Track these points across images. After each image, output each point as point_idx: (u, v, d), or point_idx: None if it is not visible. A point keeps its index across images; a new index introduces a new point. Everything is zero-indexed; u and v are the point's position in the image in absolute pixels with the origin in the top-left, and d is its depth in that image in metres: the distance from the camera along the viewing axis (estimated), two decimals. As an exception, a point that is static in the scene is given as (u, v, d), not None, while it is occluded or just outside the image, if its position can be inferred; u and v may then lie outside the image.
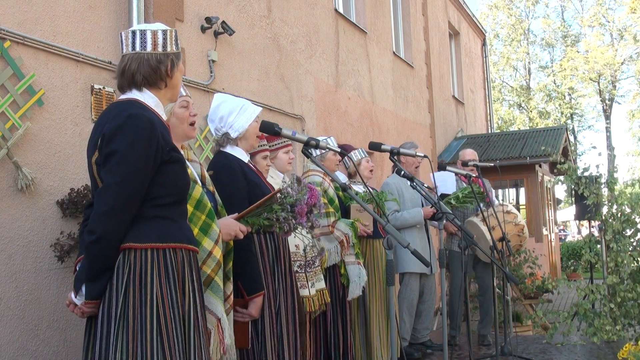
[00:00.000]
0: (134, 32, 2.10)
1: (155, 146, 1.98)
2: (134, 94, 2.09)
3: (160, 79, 2.11)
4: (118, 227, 1.91)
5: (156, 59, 2.09)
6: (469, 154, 5.72)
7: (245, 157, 2.97)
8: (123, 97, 2.11)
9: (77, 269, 2.09)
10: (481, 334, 5.72)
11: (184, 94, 2.54)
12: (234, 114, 2.94)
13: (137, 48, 2.09)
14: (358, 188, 4.60)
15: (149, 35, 2.09)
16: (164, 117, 2.15)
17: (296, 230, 2.66)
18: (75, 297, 2.00)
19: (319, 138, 4.17)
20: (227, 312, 2.51)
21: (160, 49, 2.10)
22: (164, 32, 2.12)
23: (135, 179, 1.93)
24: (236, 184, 2.76)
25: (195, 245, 2.14)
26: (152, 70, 2.09)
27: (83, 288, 1.96)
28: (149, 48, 2.09)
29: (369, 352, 4.41)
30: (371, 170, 4.73)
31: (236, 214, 2.50)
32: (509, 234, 5.11)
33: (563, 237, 20.97)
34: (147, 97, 2.10)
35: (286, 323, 2.86)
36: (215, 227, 2.34)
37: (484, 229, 5.10)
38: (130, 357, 1.85)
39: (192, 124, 2.52)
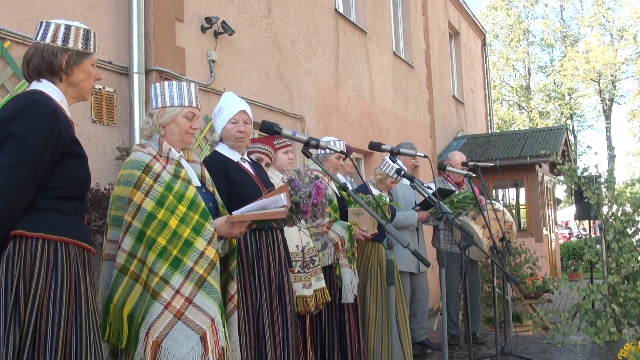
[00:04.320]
0: (42, 23, 2.09)
1: (56, 135, 1.94)
2: (37, 85, 2.06)
3: (51, 72, 2.06)
4: (8, 210, 1.85)
5: (50, 51, 2.05)
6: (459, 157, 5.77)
7: (235, 156, 2.99)
8: (28, 88, 2.08)
9: None
10: (471, 331, 5.72)
11: (194, 105, 2.54)
12: (215, 117, 3.06)
13: (38, 38, 2.07)
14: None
15: (51, 28, 2.07)
16: (69, 113, 2.11)
17: (298, 225, 2.66)
18: None
19: (333, 139, 4.22)
20: (231, 312, 2.49)
21: (59, 43, 2.06)
22: (67, 27, 2.08)
23: (31, 164, 1.88)
24: (216, 181, 2.77)
25: (89, 244, 2.07)
26: (44, 62, 2.05)
27: None
28: (47, 39, 2.06)
29: (366, 354, 4.40)
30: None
31: (231, 217, 2.42)
32: (498, 231, 5.12)
33: (582, 237, 20.83)
34: (51, 90, 2.05)
35: (270, 321, 2.85)
36: (209, 227, 2.31)
37: (476, 227, 5.12)
38: (21, 352, 1.82)
39: (190, 135, 2.53)
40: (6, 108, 1.95)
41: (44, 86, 2.05)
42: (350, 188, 4.74)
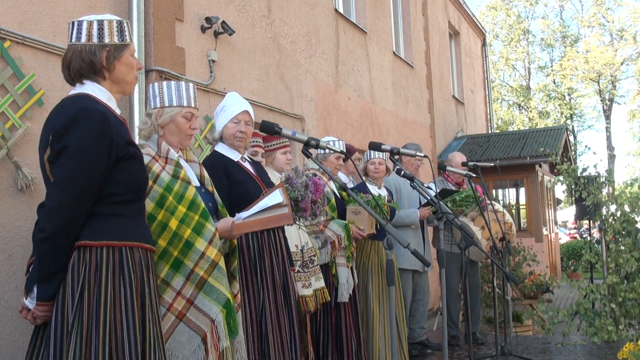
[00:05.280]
0: (73, 23, 2.04)
1: (109, 141, 1.91)
2: (81, 88, 2.02)
3: (93, 72, 2.01)
4: (69, 224, 1.84)
5: (89, 50, 2.00)
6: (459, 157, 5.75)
7: (235, 156, 2.99)
8: (73, 91, 2.03)
9: (30, 270, 2.00)
10: (471, 331, 5.73)
11: (193, 105, 2.54)
12: (216, 115, 3.05)
13: (73, 39, 2.02)
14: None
15: (84, 26, 2.02)
16: (118, 111, 2.08)
17: (297, 222, 2.66)
18: (26, 299, 1.90)
19: (332, 138, 4.23)
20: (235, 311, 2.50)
21: (95, 40, 2.01)
22: (100, 22, 2.03)
23: (87, 174, 1.86)
24: (217, 181, 2.77)
25: (152, 244, 2.08)
26: (84, 63, 2.00)
27: (35, 289, 1.87)
28: (83, 39, 2.01)
29: (371, 353, 4.41)
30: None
31: (236, 225, 2.41)
32: (498, 232, 5.13)
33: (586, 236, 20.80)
34: (97, 91, 2.01)
35: (276, 322, 2.84)
36: (209, 227, 2.31)
37: (475, 229, 5.13)
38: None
39: (189, 135, 2.52)
40: (56, 118, 1.92)
41: (89, 88, 2.01)
42: (350, 187, 4.74)
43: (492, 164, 5.36)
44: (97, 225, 1.90)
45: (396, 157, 4.01)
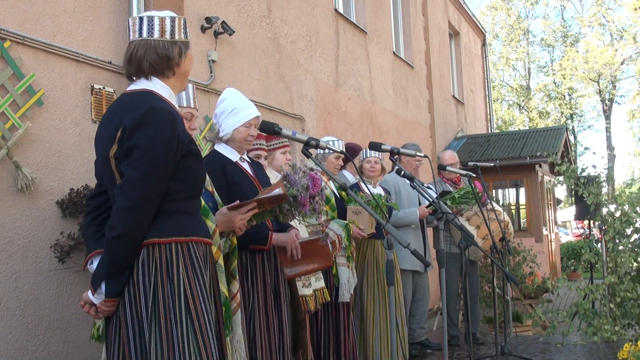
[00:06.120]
0: (141, 18, 2.04)
1: (177, 141, 1.94)
2: (146, 84, 2.03)
3: (168, 67, 2.04)
4: (140, 222, 1.87)
5: (164, 46, 2.02)
6: (449, 157, 5.75)
7: (234, 156, 2.99)
8: (135, 87, 2.04)
9: (88, 265, 2.02)
10: (471, 332, 5.72)
11: (192, 105, 2.53)
12: (224, 115, 3.00)
13: (144, 34, 2.02)
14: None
15: (156, 22, 2.03)
16: (177, 107, 2.10)
17: (297, 217, 2.67)
18: (94, 295, 1.92)
19: (331, 138, 4.23)
20: (234, 311, 2.50)
21: (168, 37, 2.03)
22: (172, 19, 2.05)
23: (158, 174, 1.89)
24: (216, 181, 2.77)
25: (210, 238, 2.14)
26: (160, 58, 2.02)
27: (103, 285, 1.89)
28: (156, 35, 2.02)
29: (365, 352, 4.41)
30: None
31: (231, 205, 2.46)
32: (494, 230, 5.12)
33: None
34: (159, 87, 2.03)
35: (265, 323, 2.85)
36: (209, 224, 2.31)
37: (470, 228, 5.12)
38: (165, 352, 1.83)
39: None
40: (125, 115, 1.92)
41: (152, 85, 2.03)
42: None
43: (492, 164, 5.35)
44: (164, 222, 1.94)
45: (395, 157, 4.00)
